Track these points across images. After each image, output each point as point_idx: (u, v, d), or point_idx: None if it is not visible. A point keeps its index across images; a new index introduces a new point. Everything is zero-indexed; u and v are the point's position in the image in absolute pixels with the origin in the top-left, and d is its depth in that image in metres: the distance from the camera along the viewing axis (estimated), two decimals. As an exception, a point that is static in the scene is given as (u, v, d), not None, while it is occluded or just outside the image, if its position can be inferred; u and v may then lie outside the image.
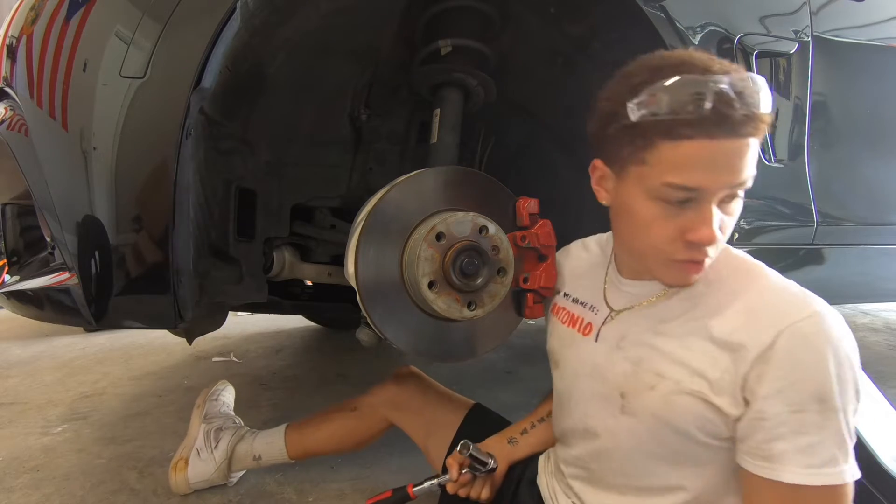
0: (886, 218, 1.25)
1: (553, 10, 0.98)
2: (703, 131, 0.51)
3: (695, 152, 0.51)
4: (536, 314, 0.84)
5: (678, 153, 0.52)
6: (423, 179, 0.81)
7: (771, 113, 0.52)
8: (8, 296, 0.92)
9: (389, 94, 1.16)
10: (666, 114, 0.51)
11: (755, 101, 0.51)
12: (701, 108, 0.50)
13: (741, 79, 0.51)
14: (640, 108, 0.53)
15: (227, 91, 0.85)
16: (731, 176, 0.52)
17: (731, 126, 0.50)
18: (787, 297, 0.55)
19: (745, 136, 0.51)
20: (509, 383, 1.76)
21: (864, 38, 1.19)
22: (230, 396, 1.28)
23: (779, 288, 0.57)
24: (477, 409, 1.00)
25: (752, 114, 0.51)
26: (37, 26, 0.78)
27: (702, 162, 0.52)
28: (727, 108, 0.50)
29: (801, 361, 0.51)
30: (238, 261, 1.03)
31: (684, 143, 0.51)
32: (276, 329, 2.48)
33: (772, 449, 0.52)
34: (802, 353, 0.51)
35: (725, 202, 0.55)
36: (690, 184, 0.52)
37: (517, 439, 0.85)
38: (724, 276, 0.60)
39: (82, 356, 2.04)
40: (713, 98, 0.50)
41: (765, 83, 0.52)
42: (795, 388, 0.51)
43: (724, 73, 0.51)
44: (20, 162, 0.79)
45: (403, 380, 1.06)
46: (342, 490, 1.11)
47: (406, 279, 0.78)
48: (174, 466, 1.07)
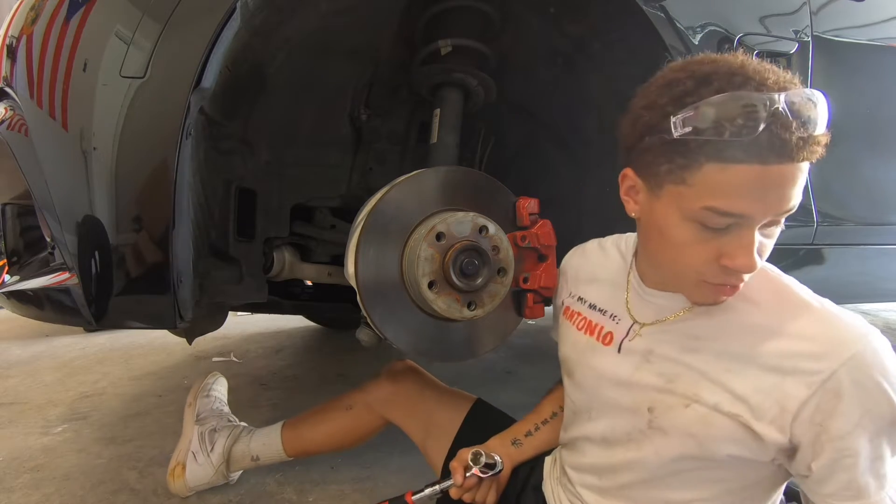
0: (886, 218, 1.25)
1: (553, 10, 0.98)
2: (755, 156, 0.46)
3: (743, 178, 0.46)
4: (536, 314, 0.84)
5: (724, 178, 0.47)
6: (423, 179, 0.81)
7: (828, 132, 0.48)
8: (8, 296, 0.92)
9: (389, 94, 1.16)
10: (713, 133, 0.46)
11: (814, 121, 0.45)
12: (754, 130, 0.44)
13: (799, 95, 0.45)
14: (684, 125, 0.48)
15: (227, 91, 0.85)
16: (780, 204, 0.48)
17: (786, 151, 0.45)
18: (839, 324, 0.52)
19: (800, 161, 0.47)
20: (509, 383, 1.76)
21: (864, 38, 1.19)
22: (222, 388, 1.25)
23: (829, 314, 0.53)
24: (478, 407, 0.96)
25: (810, 136, 0.46)
26: (37, 26, 0.78)
27: (750, 188, 0.47)
28: (783, 132, 0.45)
29: (870, 391, 0.48)
30: (238, 261, 1.03)
31: (732, 167, 0.46)
32: (276, 329, 2.48)
33: (860, 484, 0.49)
34: (868, 382, 0.48)
35: (767, 226, 0.51)
36: (736, 210, 0.48)
37: (521, 441, 0.82)
38: (765, 299, 0.56)
39: (82, 356, 2.04)
40: (768, 119, 0.44)
41: (824, 100, 0.47)
42: (871, 417, 0.48)
43: (781, 88, 0.46)
44: (20, 162, 0.79)
45: (399, 376, 1.02)
46: (342, 490, 1.11)
47: (406, 279, 0.78)
48: (172, 473, 1.06)
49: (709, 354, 0.57)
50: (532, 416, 0.86)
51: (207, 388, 1.21)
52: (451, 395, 1.00)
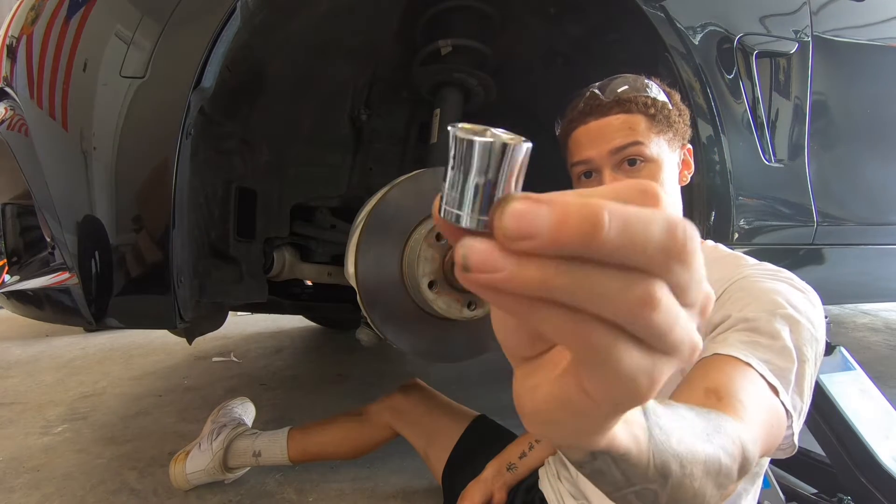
0: (886, 218, 1.25)
1: (553, 10, 0.98)
2: (580, 121, 0.69)
3: (578, 136, 0.69)
4: (536, 314, 0.84)
5: (572, 141, 0.70)
6: (423, 179, 0.81)
7: (636, 95, 0.66)
8: (8, 296, 0.92)
9: (389, 94, 1.16)
10: (564, 117, 0.71)
11: (612, 90, 0.67)
12: (579, 105, 0.69)
13: (607, 82, 0.69)
14: (559, 123, 0.74)
15: (227, 91, 0.85)
16: (605, 145, 0.66)
17: (595, 111, 0.67)
18: (761, 265, 0.60)
19: (607, 116, 0.66)
20: (509, 383, 1.75)
21: (864, 38, 1.19)
22: (247, 409, 1.30)
23: (755, 262, 0.62)
24: (479, 421, 1.00)
25: (618, 99, 0.66)
26: (37, 26, 0.78)
27: (583, 141, 0.68)
28: (593, 101, 0.67)
29: (758, 286, 0.55)
30: (238, 261, 1.03)
31: (573, 133, 0.70)
32: (276, 329, 2.48)
33: (717, 340, 0.53)
34: (761, 285, 0.55)
35: (623, 168, 0.66)
36: (582, 157, 0.69)
37: (516, 465, 0.86)
38: (709, 265, 0.63)
39: (82, 356, 2.04)
40: (585, 96, 0.69)
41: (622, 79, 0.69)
42: (752, 306, 0.53)
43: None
44: (20, 162, 0.79)
45: (411, 391, 1.08)
46: (342, 490, 1.11)
47: (406, 279, 0.78)
48: (175, 458, 1.08)
49: None
50: (526, 435, 0.89)
51: (230, 406, 1.25)
52: (455, 409, 1.05)
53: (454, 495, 0.89)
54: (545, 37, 1.04)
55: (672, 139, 0.68)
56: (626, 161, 0.65)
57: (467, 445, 0.96)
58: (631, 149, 0.65)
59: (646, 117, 0.65)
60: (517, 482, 0.85)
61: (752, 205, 1.02)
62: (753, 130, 1.00)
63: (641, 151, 0.65)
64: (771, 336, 0.50)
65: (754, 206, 1.03)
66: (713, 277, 0.63)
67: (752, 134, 1.00)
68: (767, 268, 0.59)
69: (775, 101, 1.04)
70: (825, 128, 1.11)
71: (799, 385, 0.50)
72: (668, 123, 0.67)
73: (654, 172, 0.65)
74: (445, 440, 0.98)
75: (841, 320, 2.76)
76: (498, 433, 0.98)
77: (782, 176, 1.06)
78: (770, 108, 1.04)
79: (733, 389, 0.44)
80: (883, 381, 1.56)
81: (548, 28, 1.02)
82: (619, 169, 0.66)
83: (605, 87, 0.67)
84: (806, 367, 0.50)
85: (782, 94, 1.06)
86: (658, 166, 0.66)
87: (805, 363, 0.50)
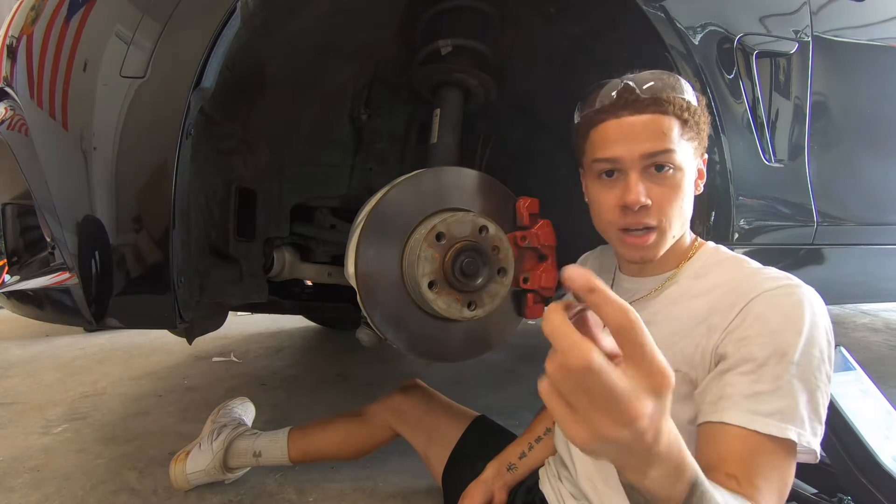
0: (886, 218, 1.25)
1: (553, 10, 0.98)
2: (612, 113, 0.64)
3: (608, 131, 0.65)
4: (536, 314, 0.84)
5: (599, 135, 0.66)
6: (423, 179, 0.81)
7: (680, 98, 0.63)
8: (8, 296, 0.92)
9: (389, 94, 1.16)
10: (591, 108, 0.67)
11: (649, 85, 0.63)
12: (610, 97, 0.65)
13: (639, 75, 0.65)
14: (581, 110, 0.69)
15: (228, 91, 0.85)
16: (639, 147, 0.62)
17: (631, 106, 0.63)
18: (765, 273, 0.59)
19: (647, 113, 0.62)
20: (509, 383, 1.76)
21: (864, 38, 1.19)
22: (246, 409, 1.30)
23: (759, 268, 0.61)
24: (478, 421, 1.00)
25: (654, 97, 0.62)
26: (37, 26, 0.78)
27: (615, 137, 0.64)
28: (628, 94, 0.63)
29: (769, 320, 0.54)
30: (238, 261, 1.03)
31: (601, 126, 0.66)
32: (276, 329, 2.48)
33: (723, 392, 0.54)
34: (773, 314, 0.54)
35: (651, 172, 0.63)
36: (609, 155, 0.65)
37: (516, 465, 0.86)
38: (710, 268, 0.66)
39: (82, 356, 2.04)
40: (619, 88, 0.64)
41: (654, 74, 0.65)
42: (759, 342, 0.53)
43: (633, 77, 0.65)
44: (20, 162, 0.79)
45: (411, 391, 1.08)
46: (342, 490, 1.11)
47: (406, 279, 0.78)
48: (175, 459, 1.09)
49: (661, 324, 0.64)
50: (526, 435, 0.90)
51: (230, 406, 1.25)
52: (455, 410, 1.05)
53: (454, 495, 0.89)
54: (545, 37, 1.04)
55: (697, 147, 0.67)
56: (655, 166, 0.63)
57: (467, 446, 0.96)
58: (662, 156, 0.63)
59: (679, 121, 0.63)
60: (517, 482, 0.85)
61: (752, 205, 1.01)
62: (753, 130, 1.00)
63: (672, 159, 0.63)
64: (775, 378, 0.52)
65: (754, 206, 1.03)
66: (715, 281, 0.63)
67: (752, 134, 1.00)
68: (778, 282, 0.57)
69: (775, 101, 1.04)
70: (825, 128, 1.11)
71: (814, 411, 0.53)
72: (697, 130, 0.65)
73: (680, 181, 0.64)
74: (445, 440, 0.98)
75: (841, 320, 2.76)
76: (498, 433, 0.98)
77: (782, 176, 1.06)
78: (770, 108, 1.03)
79: (748, 474, 0.50)
80: (883, 381, 1.56)
81: (548, 28, 1.02)
82: (646, 173, 0.64)
83: (640, 81, 0.64)
84: (818, 393, 0.53)
85: (782, 94, 1.06)
86: (683, 175, 0.64)
87: (816, 390, 0.53)
